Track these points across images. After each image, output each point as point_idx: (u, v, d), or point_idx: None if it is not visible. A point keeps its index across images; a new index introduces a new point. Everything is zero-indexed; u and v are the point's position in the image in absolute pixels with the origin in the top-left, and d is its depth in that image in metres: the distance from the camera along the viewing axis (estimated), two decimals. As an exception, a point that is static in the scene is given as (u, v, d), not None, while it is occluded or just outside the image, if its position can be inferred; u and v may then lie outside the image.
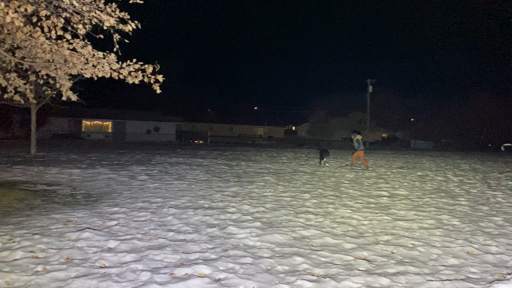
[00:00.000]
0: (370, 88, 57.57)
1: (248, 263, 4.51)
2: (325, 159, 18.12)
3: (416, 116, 78.06)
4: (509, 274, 4.10)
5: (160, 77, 7.38)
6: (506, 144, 59.59)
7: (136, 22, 6.69)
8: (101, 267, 4.26)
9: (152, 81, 7.41)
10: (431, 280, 4.11)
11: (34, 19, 6.34)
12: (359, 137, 16.56)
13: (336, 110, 74.00)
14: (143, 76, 7.34)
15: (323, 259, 4.76)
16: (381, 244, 5.48)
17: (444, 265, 4.66)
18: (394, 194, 10.00)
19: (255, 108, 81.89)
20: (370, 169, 16.49)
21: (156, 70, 7.51)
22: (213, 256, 4.73)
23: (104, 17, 6.39)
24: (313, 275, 4.21)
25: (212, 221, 6.51)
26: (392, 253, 5.09)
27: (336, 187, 10.84)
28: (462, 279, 4.14)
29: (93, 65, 6.99)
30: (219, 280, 4.03)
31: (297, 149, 38.48)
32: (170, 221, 6.44)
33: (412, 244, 5.51)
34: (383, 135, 77.40)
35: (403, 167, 18.39)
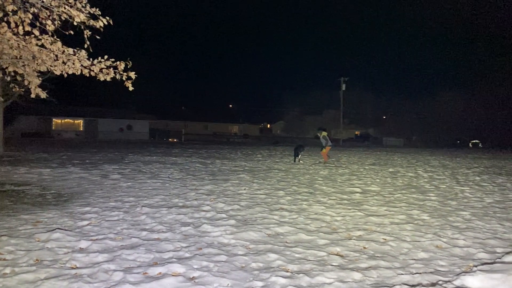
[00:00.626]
0: (343, 86, 58.41)
1: (222, 261, 4.52)
2: (299, 156, 18.27)
3: (388, 114, 79.80)
4: (475, 266, 4.24)
5: (132, 74, 7.28)
6: (474, 141, 61.69)
7: (107, 18, 6.56)
8: (72, 268, 4.17)
9: (124, 78, 7.30)
10: (402, 274, 4.22)
11: (0, 14, 6.13)
12: (324, 133, 17.42)
13: (311, 108, 74.79)
14: (115, 73, 7.22)
15: (297, 255, 4.81)
16: (354, 239, 5.58)
17: (414, 259, 4.78)
18: (367, 190, 10.19)
19: (230, 106, 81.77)
20: (326, 164, 16.64)
21: (129, 67, 7.40)
22: (187, 255, 4.70)
23: (74, 12, 6.24)
24: (287, 271, 4.25)
25: (186, 219, 6.48)
26: (364, 248, 5.20)
27: (310, 184, 10.95)
28: (431, 272, 4.27)
29: (63, 62, 6.82)
30: (193, 278, 4.02)
31: (272, 146, 38.66)
32: (143, 220, 6.36)
33: (383, 239, 5.63)
34: (356, 132, 78.68)
35: (375, 164, 18.75)
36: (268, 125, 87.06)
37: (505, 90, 62.06)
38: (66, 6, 6.22)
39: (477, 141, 61.48)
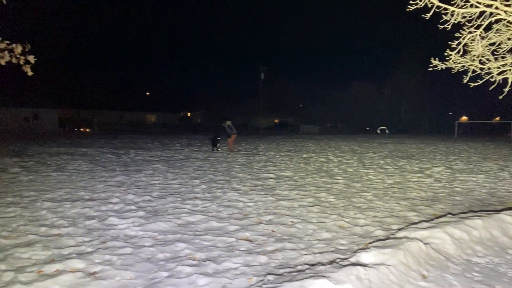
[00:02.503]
0: (262, 75, 59.42)
1: (127, 254, 4.35)
2: (218, 145, 18.26)
3: (305, 103, 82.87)
4: (371, 243, 4.56)
5: (31, 58, 6.73)
6: (381, 127, 66.48)
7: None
8: (-48, 273, 3.75)
9: (22, 62, 6.72)
10: (305, 254, 4.39)
11: None
12: (228, 123, 17.97)
13: (231, 97, 75.02)
14: (10, 56, 6.62)
15: (206, 243, 4.79)
16: (264, 224, 5.70)
17: (318, 239, 5.01)
18: (280, 176, 10.48)
19: (148, 94, 78.99)
20: (231, 154, 16.81)
21: (27, 50, 6.83)
22: (89, 250, 4.47)
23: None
24: (194, 260, 4.22)
25: (92, 213, 6.14)
26: (273, 231, 5.33)
27: (226, 172, 10.99)
28: (332, 251, 4.50)
29: None
30: (93, 273, 3.83)
31: (191, 135, 38.20)
32: (43, 216, 5.93)
33: (291, 221, 5.83)
34: (275, 120, 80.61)
35: (291, 151, 19.36)
36: (188, 114, 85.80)
37: (410, 83, 67.58)
38: None
39: (384, 127, 66.26)
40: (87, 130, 47.94)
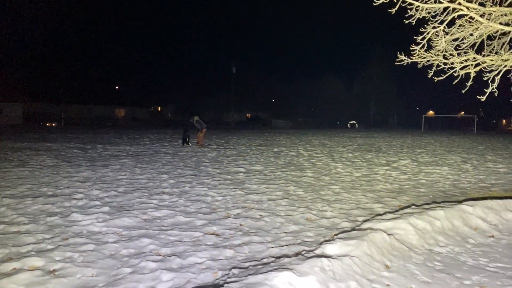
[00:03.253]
0: (234, 70, 59.21)
1: (89, 250, 4.23)
2: (188, 139, 18.07)
3: (277, 98, 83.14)
4: (336, 235, 4.60)
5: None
6: (351, 122, 67.63)
7: None
8: None
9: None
10: (272, 247, 4.39)
11: None
12: (196, 118, 17.84)
13: (203, 91, 74.40)
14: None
15: (172, 238, 4.71)
16: (232, 218, 5.67)
17: (285, 232, 5.02)
18: (251, 170, 10.47)
19: (117, 88, 77.26)
20: (201, 148, 16.74)
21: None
22: (49, 247, 4.31)
23: None
24: (159, 255, 4.14)
25: (54, 209, 5.94)
26: (241, 225, 5.31)
27: (196, 167, 10.88)
28: (298, 243, 4.51)
29: None
30: (53, 271, 3.69)
31: (161, 130, 37.67)
32: (2, 213, 5.70)
33: (259, 215, 5.81)
34: (247, 115, 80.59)
35: (262, 145, 19.40)
36: (159, 108, 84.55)
37: (378, 78, 68.95)
38: None
39: (354, 122, 67.42)
40: (53, 124, 46.51)
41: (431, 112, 68.93)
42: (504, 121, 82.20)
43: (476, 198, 6.87)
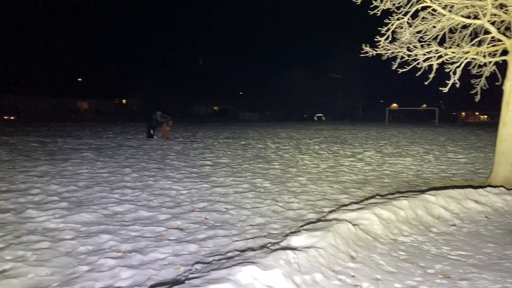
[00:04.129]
0: (200, 62, 58.60)
1: (44, 248, 4.00)
2: (154, 132, 17.66)
3: (245, 90, 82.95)
4: (302, 226, 4.55)
5: None
6: (318, 115, 68.43)
7: None
8: None
9: None
10: (237, 241, 4.29)
11: None
12: (159, 113, 17.73)
13: (169, 83, 73.14)
14: None
15: (133, 233, 4.53)
16: (196, 211, 5.53)
17: (251, 225, 4.94)
18: (217, 162, 10.32)
19: (79, 79, 74.73)
20: (167, 141, 16.45)
21: None
22: (0, 246, 4.04)
23: None
24: (119, 252, 3.96)
25: (7, 205, 5.61)
26: (206, 219, 5.18)
27: (161, 160, 10.63)
28: (264, 236, 4.44)
29: None
30: (2, 272, 3.46)
31: (126, 123, 36.78)
32: None
33: (225, 208, 5.70)
34: (215, 108, 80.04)
35: (229, 138, 19.24)
36: (124, 101, 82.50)
37: (344, 71, 70.00)
38: None
39: (321, 114, 68.20)
40: (11, 117, 44.51)
41: (394, 104, 70.65)
42: (463, 113, 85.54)
43: (438, 187, 7.03)
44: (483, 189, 6.15)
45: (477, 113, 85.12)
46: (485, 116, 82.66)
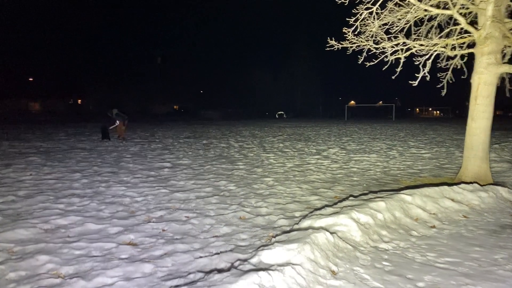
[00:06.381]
0: (159, 60, 57.07)
1: (-39, 279, 3.27)
2: (108, 133, 16.65)
3: (206, 88, 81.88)
4: (274, 236, 4.06)
5: None
6: (279, 112, 68.58)
7: None
8: None
9: None
10: (200, 257, 3.73)
11: None
12: (115, 110, 16.86)
13: (126, 82, 70.90)
14: None
15: (77, 252, 3.86)
16: (153, 222, 4.91)
17: (216, 236, 4.38)
18: (177, 164, 9.66)
19: (30, 79, 70.95)
20: (123, 142, 15.67)
21: None
22: None
23: None
24: (58, 277, 3.31)
25: None
26: (163, 230, 4.57)
27: (115, 163, 9.84)
28: (230, 250, 3.89)
29: None
30: None
31: (81, 123, 35.02)
32: None
33: (186, 216, 5.12)
34: (175, 106, 78.47)
35: (190, 137, 18.52)
36: (79, 101, 79.21)
37: (304, 69, 70.56)
38: None
39: (282, 112, 68.36)
40: (-47, 120, 41.36)
41: (352, 102, 71.95)
42: (417, 109, 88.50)
43: (412, 186, 6.76)
44: (457, 186, 5.90)
45: (430, 109, 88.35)
46: (438, 112, 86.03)
